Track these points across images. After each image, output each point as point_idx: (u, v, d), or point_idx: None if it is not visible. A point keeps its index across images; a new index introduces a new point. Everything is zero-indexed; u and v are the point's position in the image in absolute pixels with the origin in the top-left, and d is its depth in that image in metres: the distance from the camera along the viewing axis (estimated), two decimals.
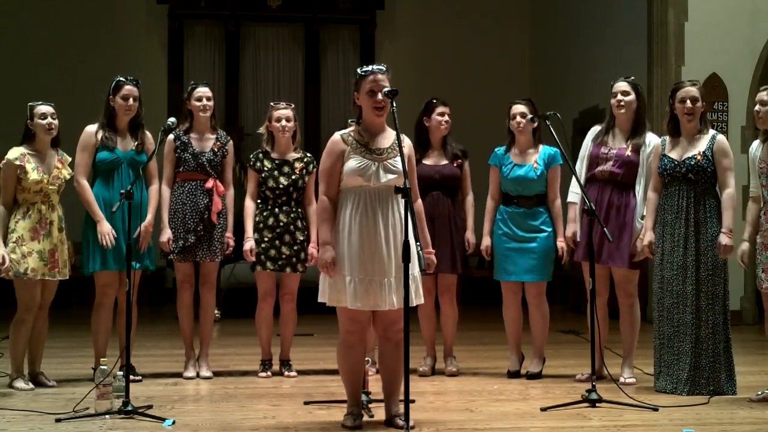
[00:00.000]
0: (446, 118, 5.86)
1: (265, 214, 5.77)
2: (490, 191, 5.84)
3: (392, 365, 4.29)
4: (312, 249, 5.72)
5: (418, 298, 4.26)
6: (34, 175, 5.20)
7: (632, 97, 5.50)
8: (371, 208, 4.19)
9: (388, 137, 4.30)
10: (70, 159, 5.45)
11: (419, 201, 4.42)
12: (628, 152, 5.47)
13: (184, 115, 5.76)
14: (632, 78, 5.60)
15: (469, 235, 5.86)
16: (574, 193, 5.57)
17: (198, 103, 5.71)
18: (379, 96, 4.18)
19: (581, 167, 5.58)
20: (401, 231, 4.16)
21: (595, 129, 5.67)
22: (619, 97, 5.50)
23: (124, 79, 5.47)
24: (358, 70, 4.28)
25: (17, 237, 5.18)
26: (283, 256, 5.75)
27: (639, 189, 5.43)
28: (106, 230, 5.30)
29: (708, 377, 5.07)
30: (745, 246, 5.01)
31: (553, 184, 5.72)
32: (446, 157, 5.88)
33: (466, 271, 5.99)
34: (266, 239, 5.74)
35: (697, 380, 5.06)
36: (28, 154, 5.25)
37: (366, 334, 4.40)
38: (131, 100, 5.45)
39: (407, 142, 4.34)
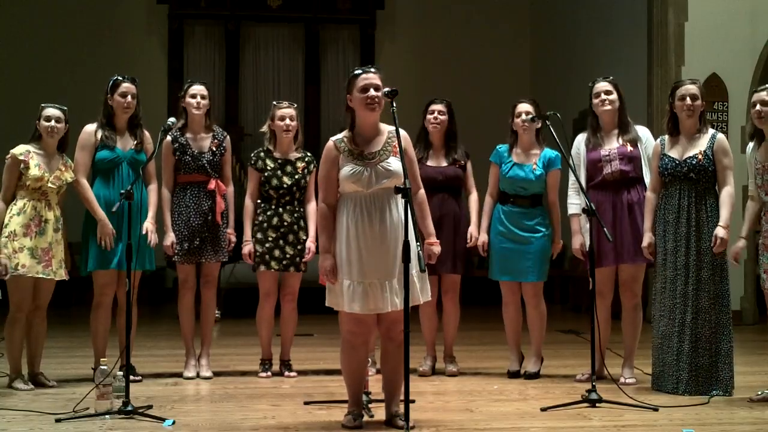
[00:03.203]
0: (435, 115, 5.85)
1: (269, 213, 5.77)
2: (489, 189, 5.83)
3: (394, 365, 4.28)
4: (309, 243, 5.72)
5: (424, 296, 4.26)
6: (35, 171, 5.20)
7: (615, 95, 5.50)
8: (368, 212, 4.18)
9: (380, 139, 4.28)
10: (74, 165, 5.45)
11: (422, 191, 4.39)
12: (629, 147, 5.47)
13: (179, 113, 5.75)
14: (611, 78, 5.60)
15: (473, 229, 5.84)
16: (574, 204, 5.56)
17: (192, 100, 5.69)
18: (372, 92, 4.18)
19: (578, 176, 5.53)
20: (400, 232, 4.17)
21: (581, 137, 5.64)
22: (603, 96, 5.50)
23: (121, 77, 5.48)
24: (350, 72, 4.30)
25: (9, 232, 5.17)
26: (287, 256, 5.75)
27: (647, 180, 5.43)
28: (107, 231, 5.31)
29: (709, 377, 5.06)
30: (741, 243, 5.01)
31: (552, 188, 5.72)
32: (446, 159, 5.87)
33: (467, 271, 5.97)
34: (270, 239, 5.74)
35: (698, 380, 5.05)
36: (33, 151, 5.25)
37: (371, 336, 4.40)
38: (129, 97, 5.44)
39: (403, 134, 4.31)
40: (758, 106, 4.95)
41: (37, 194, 5.26)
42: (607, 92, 5.50)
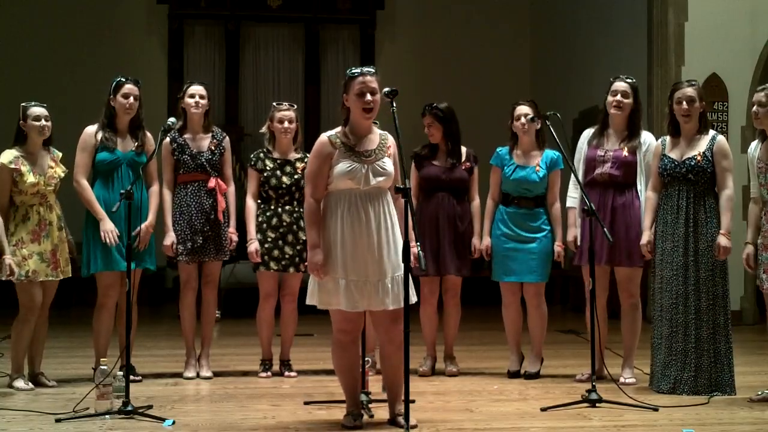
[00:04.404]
0: (426, 129, 5.87)
1: (268, 214, 5.77)
2: (491, 192, 5.83)
3: (395, 366, 4.25)
4: None
5: (410, 298, 4.25)
6: (30, 177, 5.20)
7: (630, 100, 5.47)
8: (362, 210, 4.19)
9: (374, 139, 4.30)
10: (61, 154, 5.44)
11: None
12: (625, 153, 5.46)
13: (179, 114, 5.75)
14: (634, 80, 5.56)
15: (476, 241, 5.85)
16: (572, 197, 5.58)
17: (190, 101, 5.70)
18: (368, 97, 4.18)
19: (578, 171, 5.55)
20: (392, 231, 4.18)
21: (589, 132, 5.65)
22: (619, 97, 5.47)
23: (124, 79, 5.48)
24: (348, 72, 4.29)
25: (17, 240, 5.18)
26: (287, 256, 5.75)
27: (641, 187, 5.43)
28: (109, 228, 5.29)
29: (709, 377, 5.06)
30: (750, 249, 4.99)
31: (553, 188, 5.73)
32: (450, 159, 5.85)
33: (470, 272, 5.97)
34: (270, 239, 5.73)
35: (698, 380, 5.05)
36: (21, 156, 5.23)
37: (359, 334, 4.40)
38: (132, 98, 5.45)
39: (391, 141, 4.33)
40: (755, 107, 4.96)
41: (37, 198, 5.26)
42: (625, 94, 5.46)
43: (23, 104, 5.30)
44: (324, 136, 4.30)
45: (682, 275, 5.12)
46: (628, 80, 5.53)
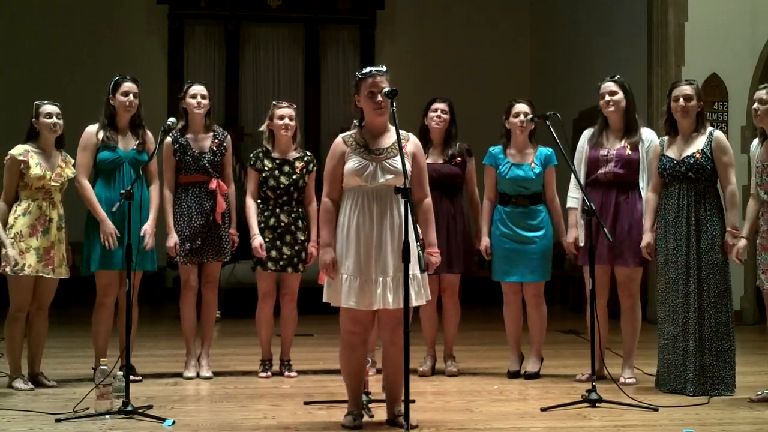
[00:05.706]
0: (438, 113, 5.86)
1: (266, 214, 5.77)
2: (486, 192, 5.83)
3: (396, 368, 4.25)
4: (311, 248, 5.73)
5: (420, 298, 4.25)
6: (36, 170, 5.21)
7: (620, 95, 5.50)
8: (369, 208, 4.20)
9: (390, 137, 4.30)
10: (74, 161, 5.45)
11: (428, 199, 4.38)
12: (628, 151, 5.47)
13: (180, 115, 5.75)
14: (618, 77, 5.59)
15: (477, 240, 5.87)
16: (573, 198, 5.57)
17: (192, 101, 5.70)
18: (379, 97, 4.20)
19: (579, 171, 5.55)
20: (400, 230, 4.17)
21: (588, 132, 5.66)
22: (607, 97, 5.50)
23: (123, 77, 5.49)
24: (357, 73, 4.30)
25: (15, 233, 5.18)
26: (284, 257, 5.75)
27: (643, 185, 5.44)
28: (109, 231, 5.29)
29: (713, 375, 5.06)
30: (742, 243, 5.01)
31: (550, 184, 5.74)
32: (444, 156, 5.87)
33: (467, 271, 5.97)
34: (267, 239, 5.74)
35: (703, 379, 5.05)
36: (32, 151, 5.26)
37: (369, 335, 4.40)
38: (131, 96, 5.45)
39: (413, 140, 4.35)
40: (756, 104, 4.96)
41: (41, 193, 5.26)
42: (612, 93, 5.50)
43: (36, 102, 5.33)
44: (339, 137, 4.35)
45: (684, 274, 5.12)
46: (614, 78, 5.56)
